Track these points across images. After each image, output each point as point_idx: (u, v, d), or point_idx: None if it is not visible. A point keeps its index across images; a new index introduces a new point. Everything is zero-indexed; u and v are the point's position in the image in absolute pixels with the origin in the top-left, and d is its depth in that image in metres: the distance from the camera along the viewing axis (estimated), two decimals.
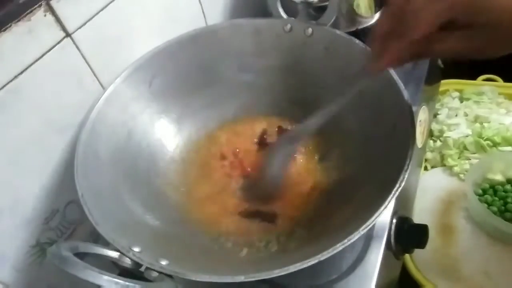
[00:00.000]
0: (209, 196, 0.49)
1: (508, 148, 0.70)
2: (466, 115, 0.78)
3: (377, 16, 0.60)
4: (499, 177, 0.67)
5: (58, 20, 0.39)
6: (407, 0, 0.32)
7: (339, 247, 0.32)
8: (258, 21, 0.53)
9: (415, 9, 0.31)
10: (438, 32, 0.32)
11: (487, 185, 0.67)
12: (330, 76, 0.50)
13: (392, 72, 0.43)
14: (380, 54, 0.35)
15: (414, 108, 0.41)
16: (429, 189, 0.70)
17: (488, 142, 0.71)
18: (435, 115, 0.80)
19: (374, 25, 0.34)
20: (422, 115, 0.57)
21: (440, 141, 0.76)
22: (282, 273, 0.31)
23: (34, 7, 0.37)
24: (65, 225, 0.46)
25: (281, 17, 0.53)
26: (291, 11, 0.53)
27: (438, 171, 0.73)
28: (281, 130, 0.53)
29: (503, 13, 0.30)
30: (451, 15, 0.31)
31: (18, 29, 0.36)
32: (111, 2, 0.45)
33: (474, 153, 0.72)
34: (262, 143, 0.52)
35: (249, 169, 0.50)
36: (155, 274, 0.34)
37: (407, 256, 0.61)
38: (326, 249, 0.32)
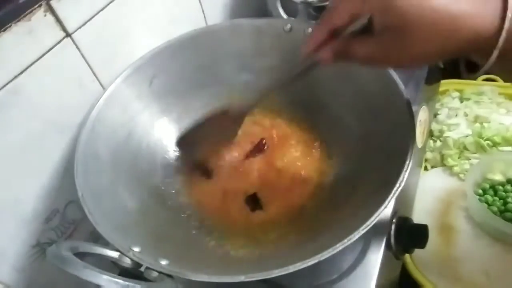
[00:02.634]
0: (209, 196, 0.49)
1: (508, 148, 0.70)
2: (466, 115, 0.78)
3: None
4: (499, 177, 0.67)
5: (58, 20, 0.39)
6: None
7: (339, 247, 0.32)
8: (258, 21, 0.53)
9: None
10: (360, 36, 0.33)
11: (487, 185, 0.67)
12: (330, 76, 0.50)
13: (392, 72, 0.43)
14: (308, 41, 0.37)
15: (414, 108, 0.41)
16: (429, 189, 0.70)
17: (488, 142, 0.71)
18: (435, 115, 0.80)
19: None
20: (422, 115, 0.57)
21: (440, 141, 0.76)
22: (282, 273, 0.31)
23: (34, 7, 0.37)
24: (65, 225, 0.46)
25: (281, 17, 0.53)
26: (291, 11, 0.53)
27: (438, 171, 0.73)
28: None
29: (411, 17, 0.29)
30: (364, 10, 0.32)
31: (18, 29, 0.36)
32: (111, 2, 0.45)
33: (474, 153, 0.72)
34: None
35: (249, 169, 0.50)
36: (155, 274, 0.34)
37: (407, 256, 0.61)
38: (326, 249, 0.32)
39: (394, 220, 0.46)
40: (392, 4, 0.30)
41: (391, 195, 0.35)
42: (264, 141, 0.52)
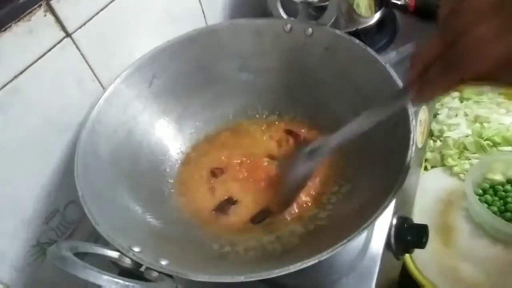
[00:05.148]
0: (210, 196, 0.49)
1: (508, 148, 0.70)
2: (466, 115, 0.78)
3: (377, 16, 0.60)
4: (499, 177, 0.67)
5: (58, 20, 0.39)
6: (467, 27, 0.25)
7: (339, 247, 0.32)
8: (258, 21, 0.53)
9: (478, 41, 0.25)
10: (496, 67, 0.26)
11: (487, 185, 0.67)
12: (330, 76, 0.50)
13: (392, 72, 0.43)
14: (424, 84, 0.30)
15: (414, 108, 0.41)
16: (429, 189, 0.70)
17: (488, 142, 0.71)
18: (435, 115, 0.80)
19: (419, 47, 0.30)
20: (422, 115, 0.57)
21: (440, 141, 0.76)
22: (282, 273, 0.31)
23: (34, 7, 0.37)
24: (65, 225, 0.46)
25: (281, 17, 0.53)
26: (291, 11, 0.53)
27: (438, 171, 0.73)
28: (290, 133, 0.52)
29: None
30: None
31: (18, 29, 0.36)
32: (111, 2, 0.45)
33: (474, 153, 0.72)
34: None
35: (248, 170, 0.50)
36: (155, 274, 0.34)
37: (407, 256, 0.61)
38: (326, 249, 0.32)
39: (394, 220, 0.46)
40: None
41: (391, 195, 0.34)
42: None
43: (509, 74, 0.26)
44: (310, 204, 0.46)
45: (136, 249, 0.35)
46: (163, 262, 0.34)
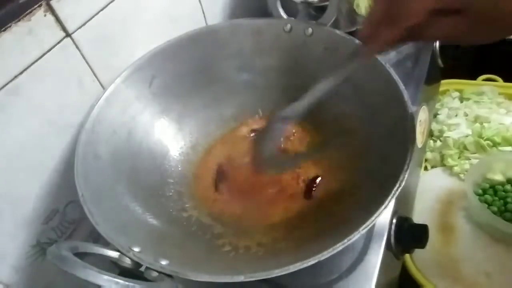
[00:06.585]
0: (209, 195, 0.49)
1: (508, 148, 0.70)
2: (466, 115, 0.78)
3: None
4: (499, 177, 0.67)
5: (58, 20, 0.39)
6: None
7: (339, 247, 0.32)
8: (258, 21, 0.53)
9: None
10: (428, 17, 0.32)
11: (487, 185, 0.67)
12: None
13: (392, 72, 0.43)
14: (373, 39, 0.36)
15: (414, 108, 0.41)
16: (429, 189, 0.70)
17: (488, 142, 0.71)
18: (435, 115, 0.80)
19: (369, 10, 0.36)
20: (422, 115, 0.57)
21: (440, 141, 0.76)
22: (282, 273, 0.31)
23: (34, 7, 0.37)
24: (65, 225, 0.46)
25: (281, 17, 0.53)
26: (291, 11, 0.53)
27: (438, 171, 0.73)
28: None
29: (486, 2, 0.30)
30: (442, 4, 0.31)
31: (18, 29, 0.36)
32: (111, 2, 0.45)
33: (474, 153, 0.72)
34: None
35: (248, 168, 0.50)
36: (155, 274, 0.34)
37: (407, 256, 0.61)
38: (326, 249, 0.32)
39: (394, 220, 0.46)
40: None
41: (391, 195, 0.35)
42: None
43: (435, 26, 0.32)
44: (310, 204, 0.46)
45: (136, 249, 0.35)
46: (163, 262, 0.34)
